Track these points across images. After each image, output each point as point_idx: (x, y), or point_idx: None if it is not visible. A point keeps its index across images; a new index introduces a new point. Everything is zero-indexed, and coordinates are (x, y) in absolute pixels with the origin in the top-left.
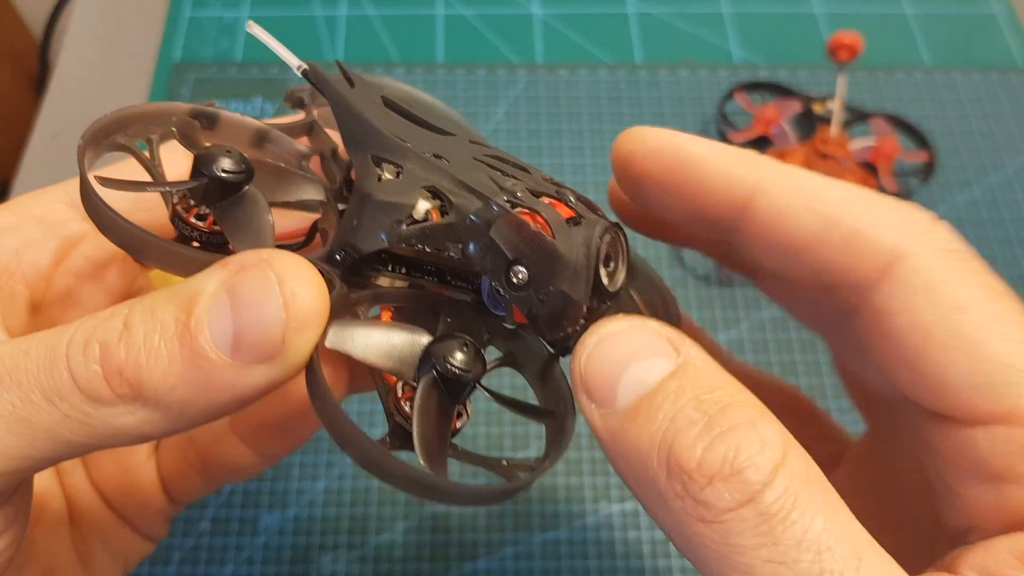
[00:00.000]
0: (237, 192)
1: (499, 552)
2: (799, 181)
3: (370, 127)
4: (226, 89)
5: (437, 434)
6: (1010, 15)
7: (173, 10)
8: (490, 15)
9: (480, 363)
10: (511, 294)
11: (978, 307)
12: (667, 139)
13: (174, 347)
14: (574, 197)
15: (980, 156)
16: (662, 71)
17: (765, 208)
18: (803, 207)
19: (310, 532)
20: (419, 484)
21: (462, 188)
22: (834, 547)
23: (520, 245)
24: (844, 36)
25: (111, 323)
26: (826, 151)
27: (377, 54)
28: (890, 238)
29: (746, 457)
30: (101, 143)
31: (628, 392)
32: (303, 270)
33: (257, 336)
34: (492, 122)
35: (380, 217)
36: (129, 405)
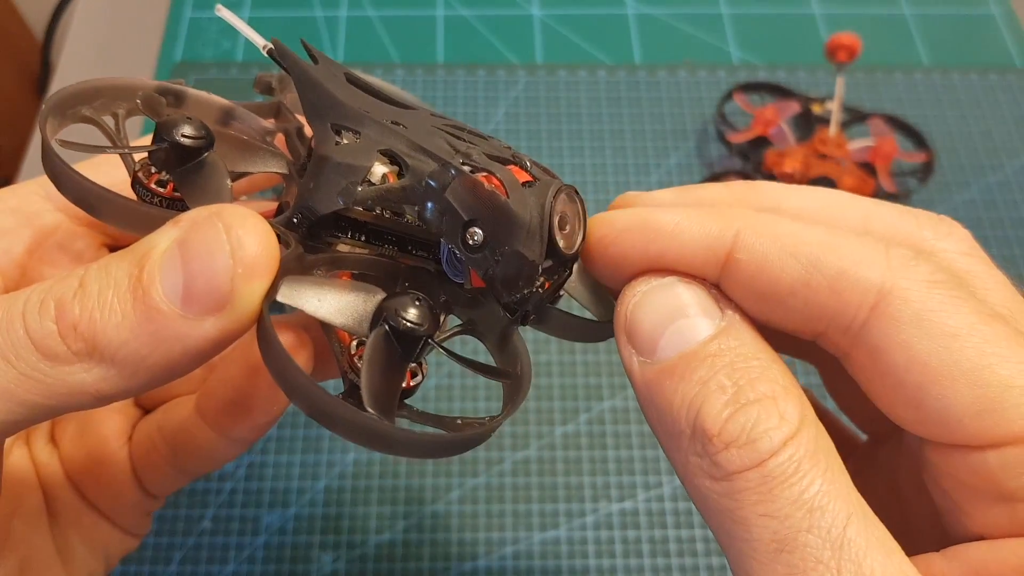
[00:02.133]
0: (197, 158)
1: (499, 551)
2: (777, 228)
3: (330, 96)
4: (227, 89)
5: (387, 385)
6: (1008, 16)
7: (174, 11)
8: (490, 16)
9: (433, 319)
10: (467, 256)
11: (972, 333)
12: (636, 218)
13: (127, 301)
14: (530, 162)
15: (978, 156)
16: (661, 72)
17: (746, 260)
18: (784, 253)
19: (311, 531)
20: (368, 432)
21: (419, 151)
22: (826, 507)
23: (475, 205)
24: (842, 37)
25: (67, 282)
26: (825, 151)
27: (377, 54)
28: (875, 274)
29: (763, 430)
30: (66, 113)
31: (669, 347)
32: (250, 219)
33: (206, 285)
34: (492, 122)
35: (336, 179)
36: (84, 362)
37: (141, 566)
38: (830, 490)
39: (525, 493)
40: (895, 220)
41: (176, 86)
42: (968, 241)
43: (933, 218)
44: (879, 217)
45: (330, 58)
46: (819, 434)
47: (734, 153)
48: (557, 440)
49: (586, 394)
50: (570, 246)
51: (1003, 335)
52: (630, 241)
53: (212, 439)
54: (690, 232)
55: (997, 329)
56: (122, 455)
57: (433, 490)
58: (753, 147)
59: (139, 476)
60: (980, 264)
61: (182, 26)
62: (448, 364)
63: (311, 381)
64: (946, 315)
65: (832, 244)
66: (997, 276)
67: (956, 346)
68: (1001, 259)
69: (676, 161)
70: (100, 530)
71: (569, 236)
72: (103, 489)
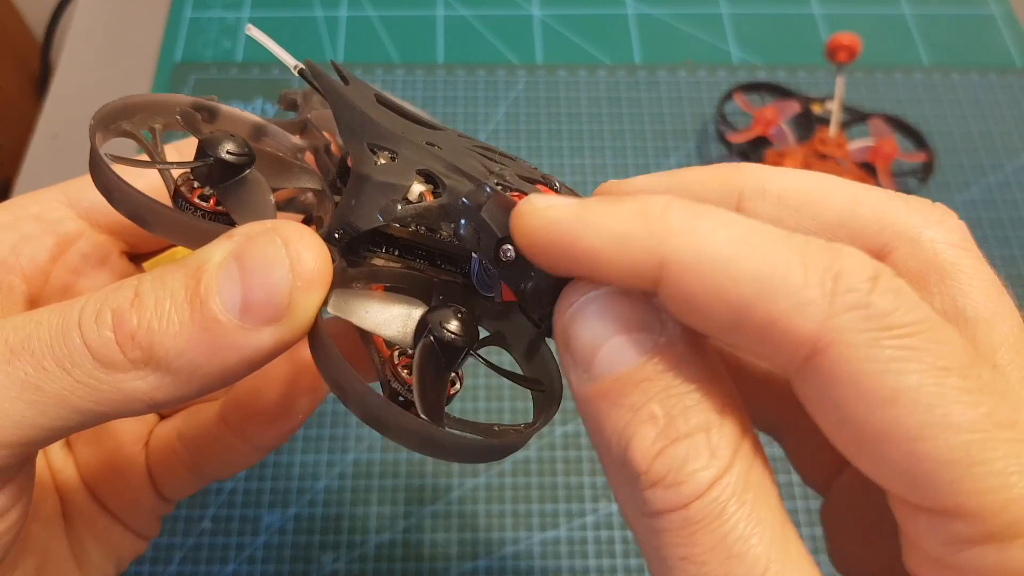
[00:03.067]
0: (240, 174)
1: (499, 551)
2: (704, 259)
3: (366, 117)
4: (227, 89)
5: (434, 392)
6: (1008, 16)
7: (174, 11)
8: (490, 16)
9: (473, 330)
10: (500, 272)
11: (913, 398)
12: (557, 232)
13: (185, 312)
14: (559, 184)
15: (978, 156)
16: (661, 72)
17: (672, 296)
18: (710, 294)
19: (311, 531)
20: (419, 436)
21: (454, 171)
22: (745, 554)
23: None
24: (842, 37)
25: (122, 292)
26: (825, 151)
27: (377, 55)
28: (810, 324)
29: (689, 471)
30: (108, 127)
31: (605, 366)
32: (307, 234)
33: (265, 297)
34: (492, 122)
35: (377, 197)
36: (140, 370)
37: (141, 566)
38: (752, 534)
39: (525, 493)
40: (883, 205)
41: (210, 102)
42: (959, 232)
43: (925, 204)
44: (867, 201)
45: (359, 79)
46: (752, 466)
47: (734, 153)
48: (557, 440)
49: None
50: None
51: (954, 398)
52: (553, 257)
53: (235, 445)
54: (613, 260)
55: (949, 391)
56: (139, 460)
57: (433, 490)
58: (753, 147)
59: (155, 480)
60: (967, 257)
61: (182, 26)
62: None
63: (368, 388)
64: (888, 376)
65: (767, 280)
66: (984, 272)
67: (893, 415)
68: (1001, 259)
69: (676, 161)
70: (114, 533)
71: None
72: (119, 493)
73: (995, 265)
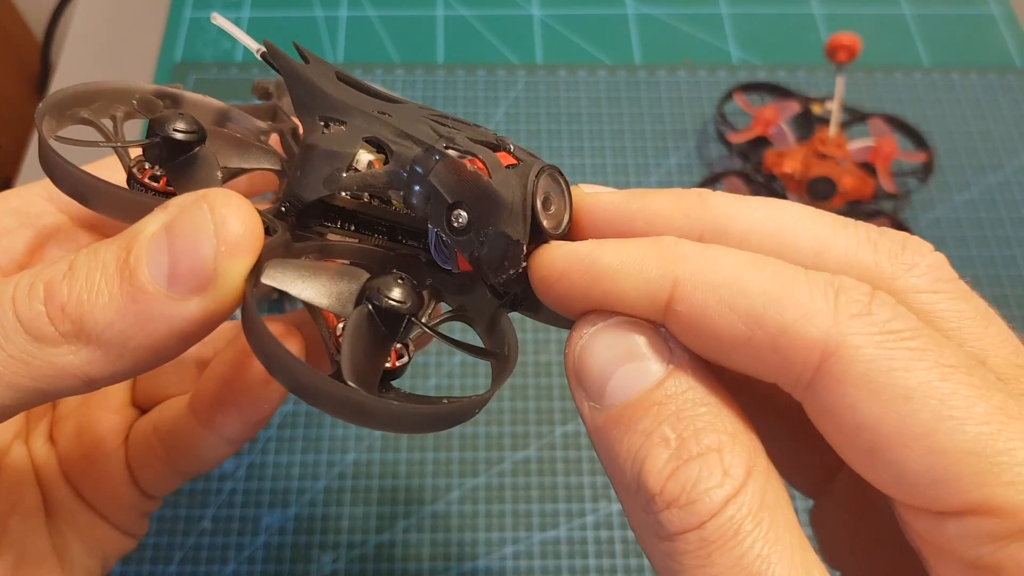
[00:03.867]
0: (188, 152)
1: (499, 551)
2: (716, 275)
3: (318, 90)
4: (227, 89)
5: (369, 362)
6: (1008, 15)
7: (174, 11)
8: (490, 16)
9: (416, 298)
10: (453, 239)
11: (928, 393)
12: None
13: (114, 283)
14: (514, 146)
15: (978, 156)
16: (661, 72)
17: (685, 311)
18: (723, 307)
19: (311, 531)
20: (349, 405)
21: (403, 138)
22: (763, 573)
23: (459, 187)
24: (842, 37)
25: (57, 266)
26: (824, 152)
27: (377, 55)
28: (819, 331)
29: (703, 489)
30: (64, 114)
31: (616, 394)
32: (233, 199)
33: (191, 263)
34: (492, 122)
35: (322, 166)
36: (72, 344)
37: (141, 566)
38: (770, 554)
39: (525, 493)
40: (851, 251)
41: (172, 89)
42: (935, 271)
43: (895, 246)
44: (833, 248)
45: (321, 58)
46: (767, 487)
47: (734, 153)
48: (557, 440)
49: None
50: (556, 226)
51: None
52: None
53: (205, 437)
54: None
55: (957, 386)
56: (118, 455)
57: (433, 490)
58: (753, 147)
59: (135, 476)
60: (944, 300)
61: (182, 26)
62: (448, 364)
63: (291, 355)
64: (898, 374)
65: (775, 294)
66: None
67: (908, 409)
68: (1001, 259)
69: (676, 161)
70: (97, 530)
71: (555, 216)
72: (99, 489)
73: (996, 266)
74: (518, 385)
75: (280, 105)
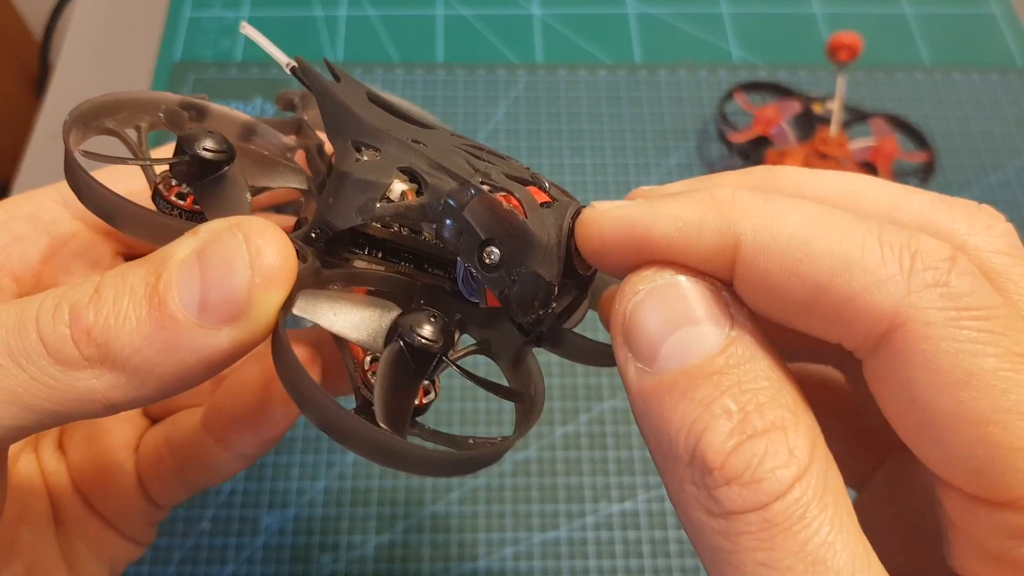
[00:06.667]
0: (217, 172)
1: (499, 552)
2: (779, 237)
3: (351, 114)
4: (226, 89)
5: (399, 401)
6: (1009, 15)
7: (173, 10)
8: (490, 15)
9: (447, 336)
10: (484, 275)
11: (991, 381)
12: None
13: (142, 309)
14: (548, 183)
15: (979, 156)
16: (662, 71)
17: (747, 278)
18: (786, 272)
19: (310, 532)
20: (379, 447)
21: (438, 170)
22: (829, 560)
23: (493, 225)
24: (843, 36)
25: (83, 288)
26: (826, 151)
27: (377, 54)
28: (888, 301)
29: (769, 468)
30: (89, 125)
31: (671, 358)
32: (269, 230)
33: (223, 294)
34: (492, 122)
35: (355, 195)
36: (96, 368)
37: (140, 567)
38: (836, 540)
39: (525, 494)
40: (926, 211)
41: (198, 100)
42: (1007, 237)
43: (970, 208)
44: (909, 207)
45: (353, 77)
46: (829, 470)
47: (735, 153)
48: (557, 440)
49: (586, 394)
50: (587, 267)
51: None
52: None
53: (217, 453)
54: (688, 245)
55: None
56: (128, 465)
57: (433, 491)
58: (754, 147)
59: (145, 486)
60: (1016, 265)
61: (181, 26)
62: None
63: (324, 394)
64: (964, 357)
65: (844, 258)
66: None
67: (966, 396)
68: None
69: (676, 161)
70: (106, 538)
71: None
72: (109, 498)
73: None
74: None
75: (305, 118)
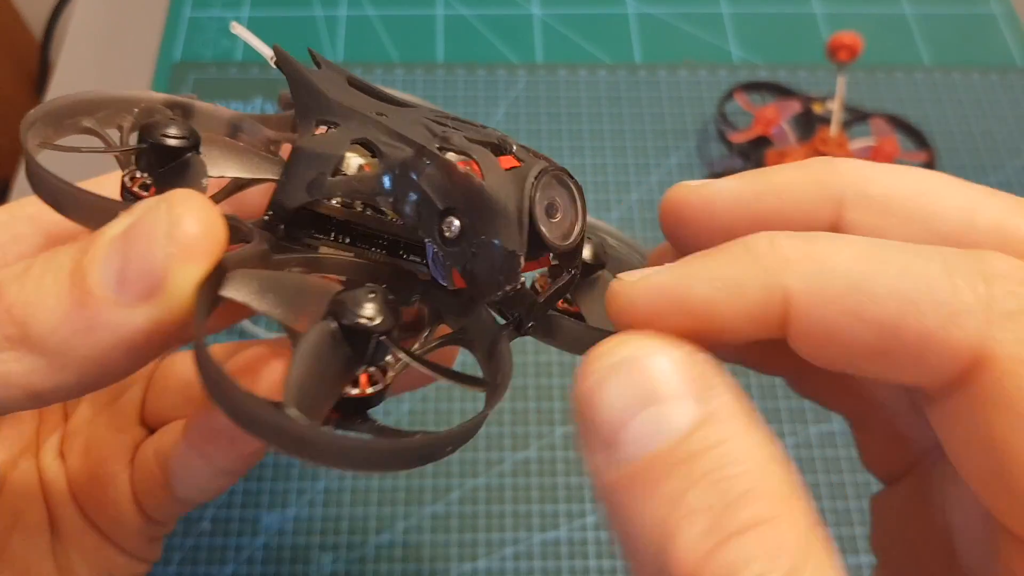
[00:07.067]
0: (178, 159)
1: (499, 552)
2: (833, 283)
3: (318, 93)
4: (226, 89)
5: (321, 385)
6: (1010, 15)
7: (173, 10)
8: (490, 15)
9: (390, 314)
10: (444, 250)
11: None
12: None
13: (64, 285)
14: (516, 146)
15: (980, 156)
16: (662, 71)
17: (804, 330)
18: (848, 318)
19: (310, 532)
20: (283, 434)
21: (396, 139)
22: None
23: (450, 191)
24: (843, 36)
25: (16, 267)
26: (826, 151)
27: (377, 54)
28: (967, 336)
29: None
30: (63, 123)
31: (636, 444)
32: (193, 199)
33: (140, 266)
34: (492, 122)
35: (306, 171)
36: (16, 350)
37: None
38: None
39: (525, 494)
40: (1005, 215)
41: (184, 99)
42: None
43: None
44: (986, 210)
45: (335, 64)
46: (818, 565)
47: (735, 153)
48: (557, 440)
49: None
50: (562, 236)
51: None
52: (663, 326)
53: (201, 468)
54: (730, 307)
55: None
56: (123, 477)
57: (433, 491)
58: (754, 147)
59: (139, 500)
60: None
61: (181, 25)
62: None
63: (227, 377)
64: None
65: (910, 294)
66: None
67: None
68: None
69: (676, 161)
70: (104, 552)
71: (560, 226)
72: (103, 510)
73: None
74: (518, 386)
75: None
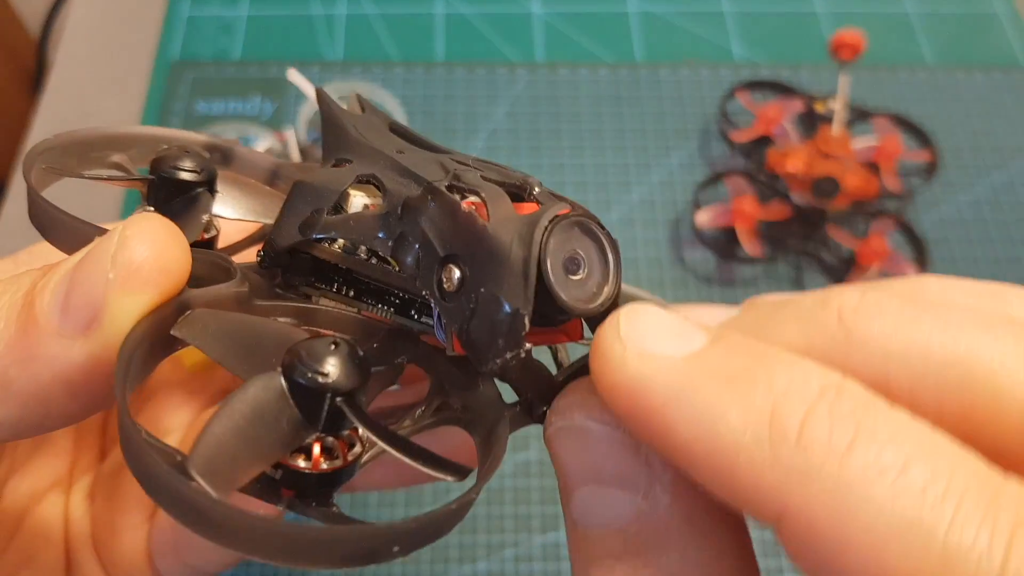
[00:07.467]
0: (187, 193)
1: (499, 554)
2: (841, 506)
3: (345, 134)
4: (224, 88)
5: (251, 447)
6: (1012, 14)
7: (171, 8)
8: (490, 14)
9: (355, 374)
10: (441, 305)
11: None
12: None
13: (15, 310)
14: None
15: (983, 155)
16: (663, 70)
17: (803, 551)
18: (862, 560)
19: None
20: (182, 504)
21: (405, 175)
22: None
23: (452, 234)
24: (846, 34)
25: None
26: (828, 150)
27: (376, 53)
28: None
29: None
30: (90, 156)
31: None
32: (154, 222)
33: (82, 292)
34: (492, 122)
35: (303, 207)
36: None
37: None
38: None
39: (525, 495)
40: None
41: (225, 143)
42: None
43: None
44: None
45: (381, 111)
46: None
47: (736, 152)
48: None
49: None
50: (586, 299)
51: None
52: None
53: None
54: (715, 474)
55: None
56: (140, 531)
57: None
58: (756, 146)
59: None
60: None
61: (179, 24)
62: None
63: (132, 423)
64: None
65: (925, 526)
66: None
67: None
68: (1006, 260)
69: (678, 160)
70: None
71: (584, 285)
72: (116, 564)
73: (1000, 266)
74: None
75: None
